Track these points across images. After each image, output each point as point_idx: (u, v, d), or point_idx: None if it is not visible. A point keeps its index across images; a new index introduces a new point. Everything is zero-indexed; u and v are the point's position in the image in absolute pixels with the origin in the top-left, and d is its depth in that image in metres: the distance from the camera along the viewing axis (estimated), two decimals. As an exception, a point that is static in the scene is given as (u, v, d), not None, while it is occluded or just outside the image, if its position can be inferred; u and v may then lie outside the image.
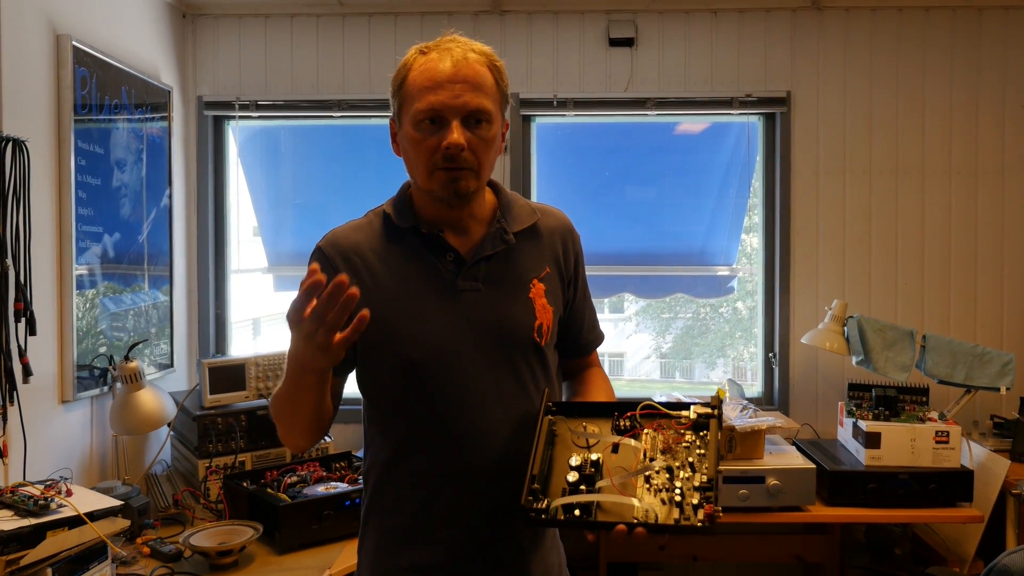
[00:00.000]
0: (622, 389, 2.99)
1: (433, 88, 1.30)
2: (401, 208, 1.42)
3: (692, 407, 1.28)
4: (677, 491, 1.18)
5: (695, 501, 1.16)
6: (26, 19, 2.29)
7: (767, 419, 2.65)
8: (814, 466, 2.60)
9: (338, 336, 1.15)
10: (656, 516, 1.15)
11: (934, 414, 2.72)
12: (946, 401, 3.01)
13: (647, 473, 1.20)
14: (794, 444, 2.87)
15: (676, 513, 1.16)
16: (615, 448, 1.24)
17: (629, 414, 1.29)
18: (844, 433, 2.89)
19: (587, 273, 1.58)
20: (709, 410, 1.26)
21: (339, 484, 2.40)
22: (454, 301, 1.37)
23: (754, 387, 3.42)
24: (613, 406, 1.33)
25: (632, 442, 1.24)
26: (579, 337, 1.56)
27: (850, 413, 2.82)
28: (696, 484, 1.18)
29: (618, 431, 1.28)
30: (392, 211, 1.42)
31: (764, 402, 3.36)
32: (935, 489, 2.60)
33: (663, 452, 1.23)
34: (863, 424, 2.69)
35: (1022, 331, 3.23)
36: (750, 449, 2.59)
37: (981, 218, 3.24)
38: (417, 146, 1.33)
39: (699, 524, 1.14)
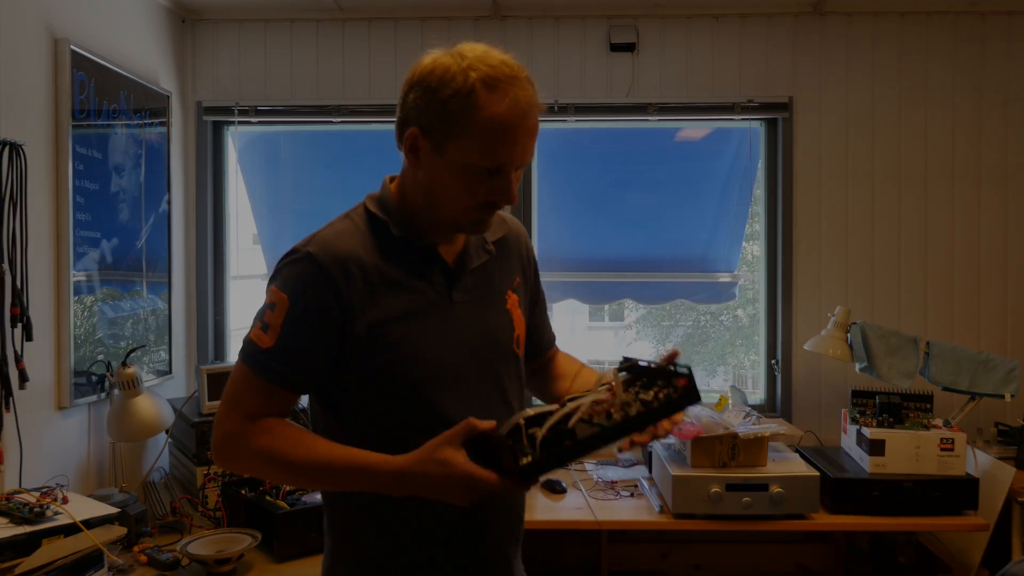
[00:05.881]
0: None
1: (505, 141, 1.23)
2: (392, 214, 1.32)
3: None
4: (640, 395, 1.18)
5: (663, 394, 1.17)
6: (24, 22, 2.28)
7: (770, 426, 2.63)
8: (817, 474, 2.58)
9: None
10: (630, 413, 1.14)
11: (939, 421, 2.69)
12: (950, 408, 2.98)
13: (606, 383, 1.18)
14: (797, 451, 2.85)
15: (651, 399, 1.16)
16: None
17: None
18: (848, 440, 2.87)
19: (588, 279, 1.57)
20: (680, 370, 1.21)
21: (338, 492, 2.38)
22: (449, 314, 1.32)
23: (756, 394, 3.40)
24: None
25: (595, 394, 1.19)
26: (541, 339, 1.57)
27: (854, 420, 2.79)
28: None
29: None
30: (383, 215, 1.32)
31: (767, 409, 3.34)
32: (940, 497, 2.58)
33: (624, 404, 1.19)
34: (867, 431, 2.67)
35: (1026, 338, 3.21)
36: (753, 457, 2.57)
37: (984, 224, 3.23)
38: (465, 186, 1.25)
39: (679, 390, 1.15)
